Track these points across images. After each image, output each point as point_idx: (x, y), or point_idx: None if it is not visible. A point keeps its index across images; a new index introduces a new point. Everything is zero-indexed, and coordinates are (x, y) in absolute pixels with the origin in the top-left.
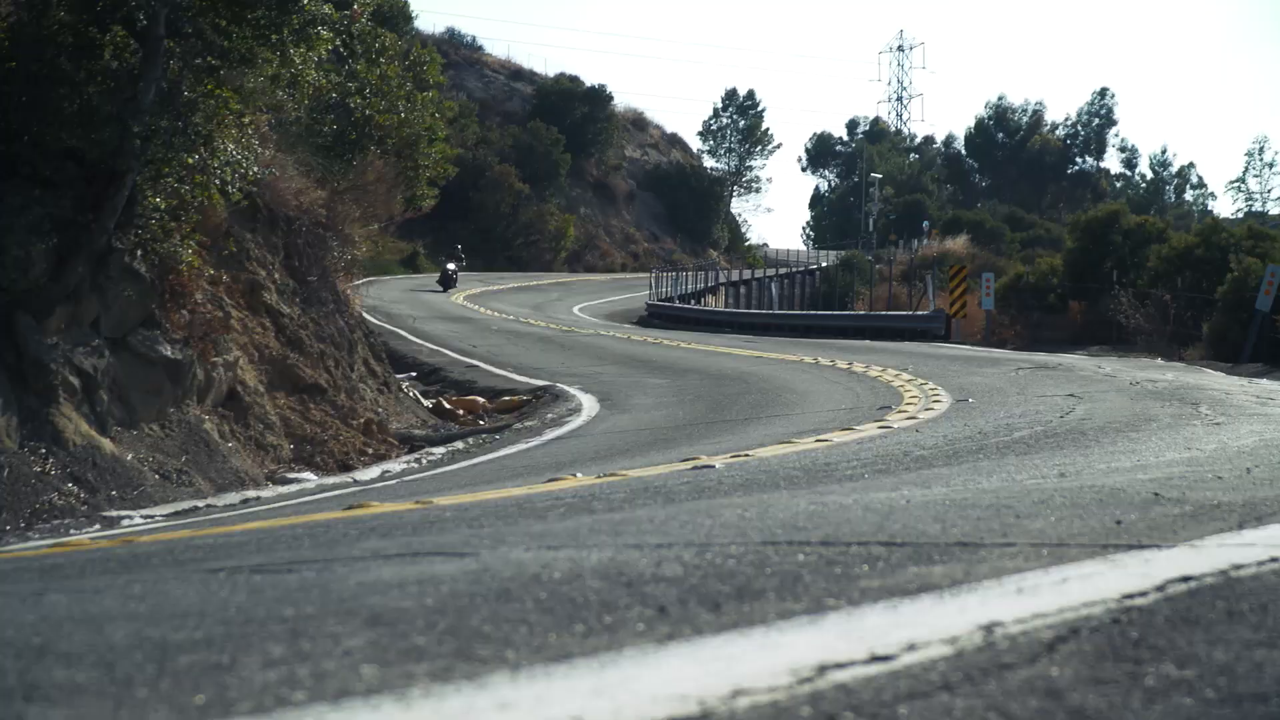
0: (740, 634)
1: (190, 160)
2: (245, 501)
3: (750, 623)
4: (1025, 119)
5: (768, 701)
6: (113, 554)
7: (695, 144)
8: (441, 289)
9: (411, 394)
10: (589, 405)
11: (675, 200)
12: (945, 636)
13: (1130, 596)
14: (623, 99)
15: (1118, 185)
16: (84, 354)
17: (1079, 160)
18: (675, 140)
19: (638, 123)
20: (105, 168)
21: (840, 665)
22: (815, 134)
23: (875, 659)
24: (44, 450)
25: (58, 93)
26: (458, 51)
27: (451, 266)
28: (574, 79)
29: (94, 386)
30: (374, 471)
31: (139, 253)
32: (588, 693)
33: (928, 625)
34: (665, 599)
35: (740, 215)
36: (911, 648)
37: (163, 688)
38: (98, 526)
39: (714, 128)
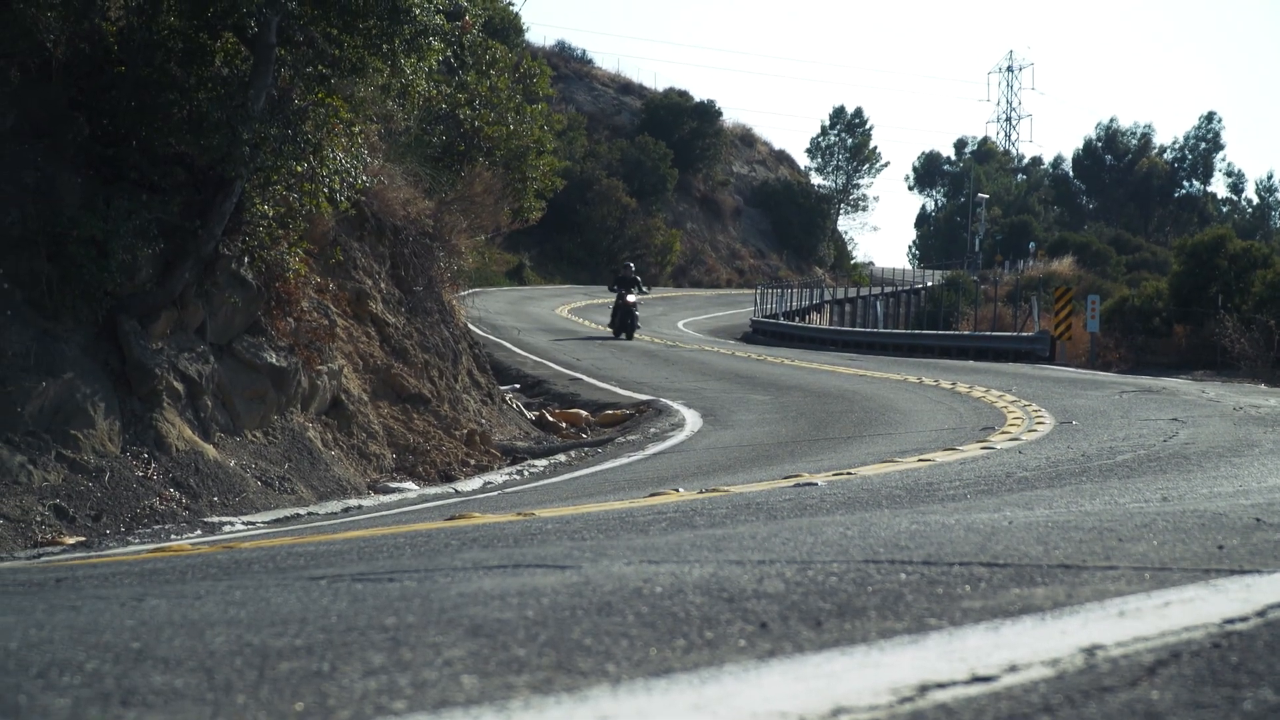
0: (841, 652)
1: (299, 168)
2: (346, 510)
3: (852, 641)
4: (1133, 142)
5: None
6: (214, 559)
7: (803, 161)
8: (614, 332)
9: (515, 406)
10: (692, 421)
11: (782, 217)
12: (1047, 658)
13: (1231, 621)
14: (731, 115)
15: (1224, 210)
16: (189, 359)
17: (1186, 184)
18: (783, 157)
19: (746, 139)
20: (214, 174)
21: (941, 685)
22: (923, 153)
23: (977, 679)
24: (146, 455)
25: (167, 98)
26: (568, 64)
27: (632, 298)
28: (683, 94)
29: (198, 392)
30: (476, 482)
31: (246, 259)
32: (688, 708)
33: (1029, 646)
34: (767, 615)
35: (846, 233)
36: (1013, 669)
37: (262, 694)
38: (198, 532)
39: (822, 145)
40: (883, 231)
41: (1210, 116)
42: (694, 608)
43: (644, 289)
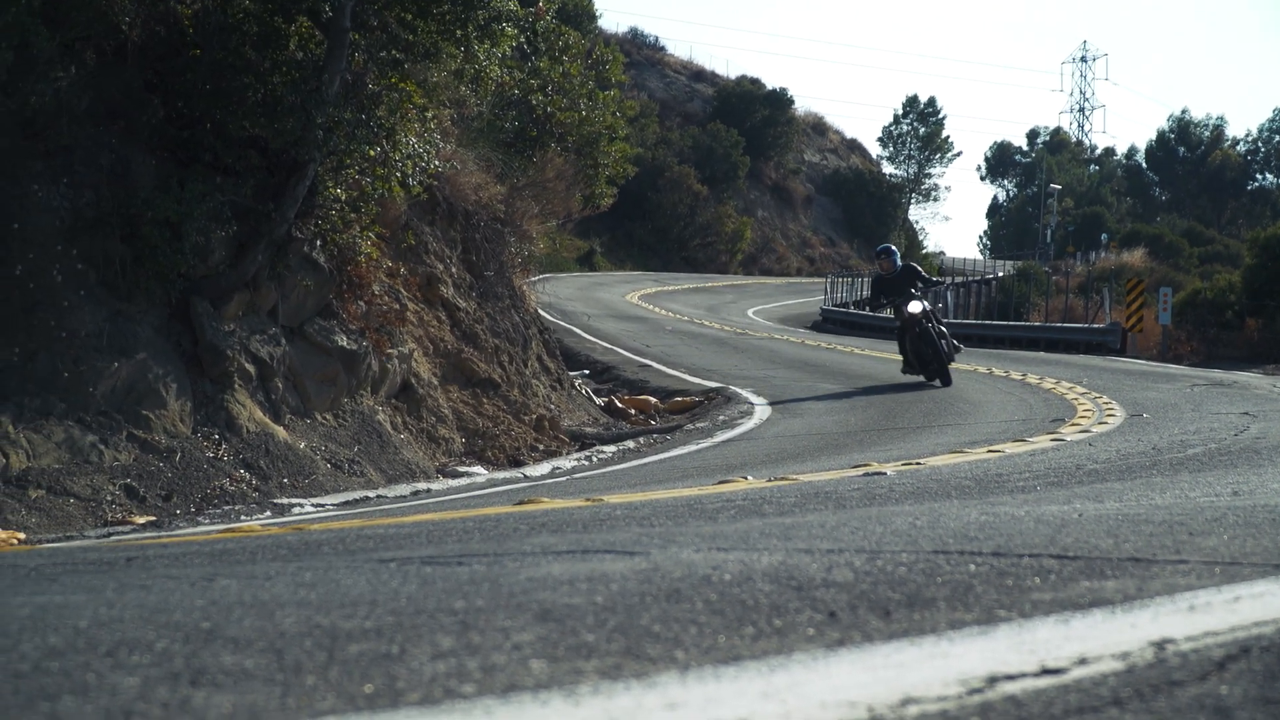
0: (910, 642)
1: (372, 152)
2: (416, 493)
3: (921, 631)
4: (1205, 134)
5: (937, 711)
6: (284, 541)
7: (875, 150)
8: (917, 370)
9: (584, 391)
10: (761, 408)
11: (853, 206)
12: (1116, 651)
13: None
14: (803, 103)
15: None
16: (260, 341)
17: (1259, 177)
18: (855, 146)
19: (817, 127)
20: (287, 157)
21: (1011, 677)
22: (995, 143)
23: (1046, 672)
24: (217, 436)
25: (242, 81)
26: (640, 51)
27: (916, 308)
28: (755, 81)
29: (269, 374)
30: (544, 468)
31: (318, 243)
32: (757, 696)
33: (1099, 639)
34: (835, 604)
35: (917, 223)
36: (1082, 661)
37: (332, 676)
38: (268, 513)
39: (894, 134)
40: (954, 221)
41: None
42: (762, 596)
43: (930, 281)
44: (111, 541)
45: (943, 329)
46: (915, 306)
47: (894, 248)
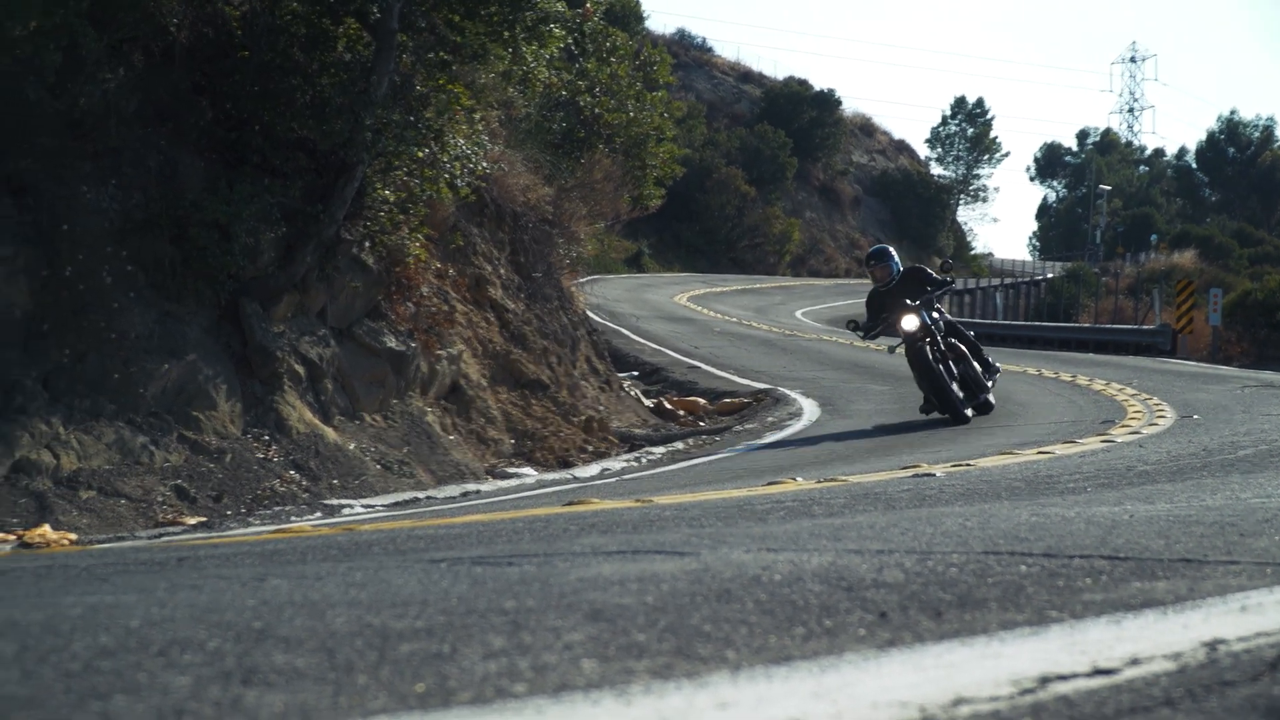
0: (962, 643)
1: (420, 154)
2: (465, 494)
3: (972, 632)
4: (1255, 134)
5: (989, 711)
6: (334, 541)
7: (923, 151)
8: (939, 409)
9: (633, 393)
10: (810, 410)
11: (901, 207)
12: (1168, 652)
13: None
14: (851, 104)
15: None
16: (309, 343)
17: None
18: (902, 147)
19: (865, 128)
20: (335, 159)
21: (1063, 677)
22: (1044, 144)
23: (1098, 672)
24: (267, 437)
25: (290, 83)
26: (687, 52)
27: (911, 323)
28: (803, 83)
29: (318, 375)
30: (594, 469)
31: (367, 244)
32: (808, 695)
33: (1151, 640)
34: (886, 605)
35: (966, 224)
36: (1134, 662)
37: (383, 675)
38: (318, 514)
39: (942, 135)
40: (1003, 222)
41: None
42: (813, 596)
43: (942, 284)
44: (162, 542)
45: (963, 344)
46: (910, 321)
47: (890, 249)
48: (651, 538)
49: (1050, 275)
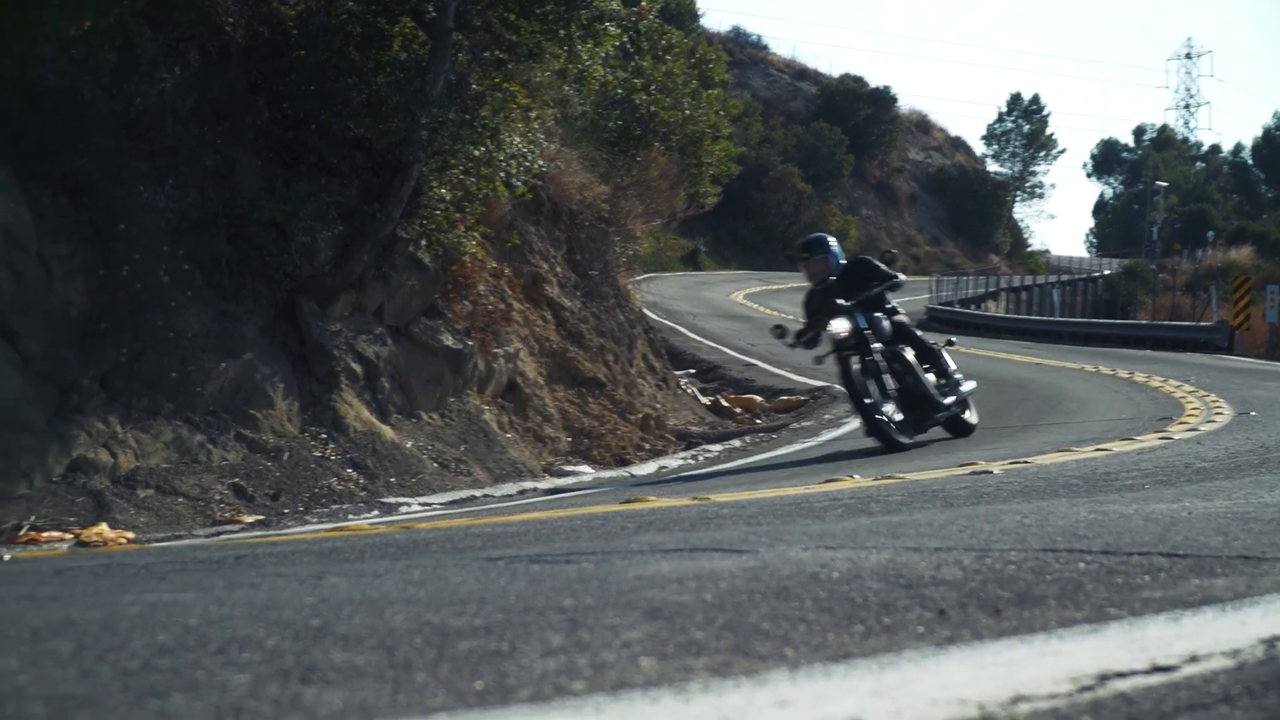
0: (1021, 640)
1: (476, 152)
2: (522, 492)
3: (1031, 629)
4: None
5: (1048, 708)
6: (392, 539)
7: (979, 148)
8: (869, 431)
9: (689, 391)
10: None
11: (957, 204)
12: (1227, 649)
13: None
14: (907, 101)
15: None
16: (366, 341)
17: None
18: (959, 143)
19: (921, 125)
20: (392, 158)
21: (1121, 674)
22: (1101, 140)
23: (1157, 669)
24: (324, 435)
25: (346, 82)
26: (743, 50)
27: (841, 327)
28: (858, 80)
29: (376, 374)
30: (650, 467)
31: (423, 243)
32: (867, 693)
33: (1209, 637)
34: (945, 602)
35: (1022, 220)
36: (1193, 659)
37: (442, 673)
38: (375, 512)
39: (998, 132)
40: (1060, 219)
41: None
42: (871, 594)
43: (890, 279)
44: (220, 540)
45: (918, 352)
46: (839, 325)
47: (828, 239)
48: (709, 535)
49: (1107, 272)
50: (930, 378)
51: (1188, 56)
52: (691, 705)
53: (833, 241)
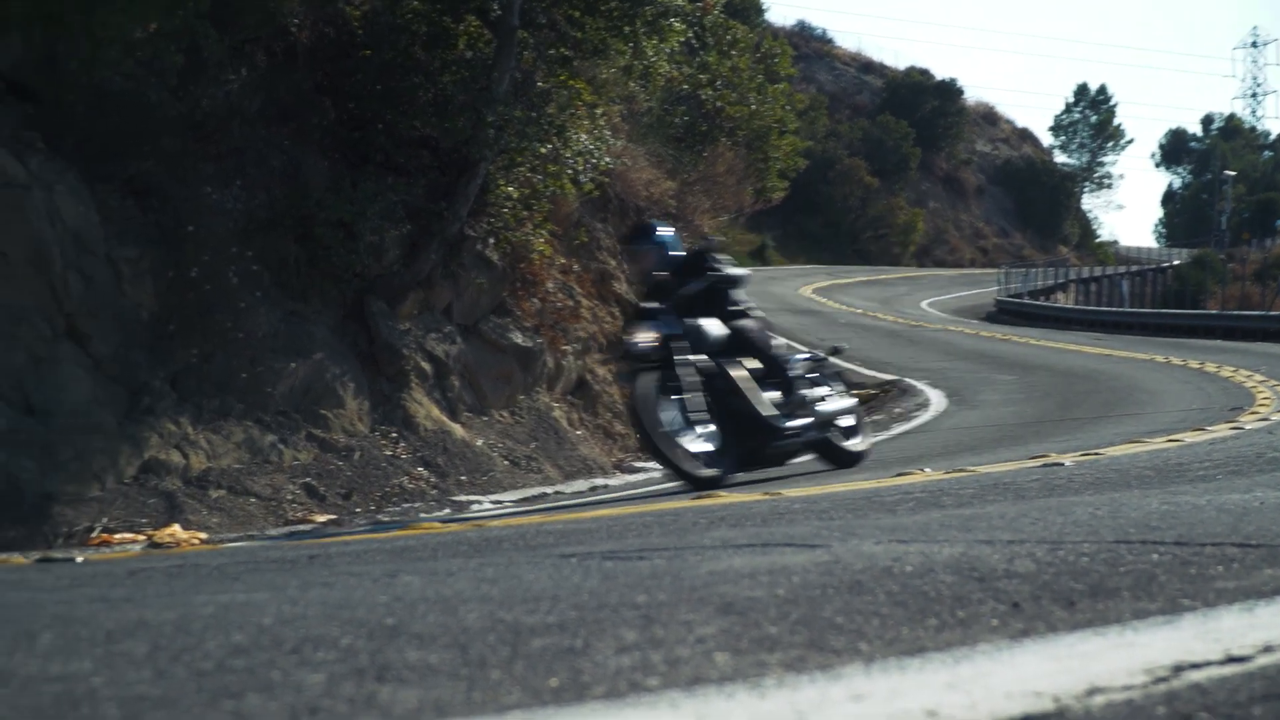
0: (1095, 632)
1: (543, 150)
2: (593, 489)
3: (1105, 621)
4: None
5: (1123, 700)
6: (464, 537)
7: (1046, 139)
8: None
9: None
10: (937, 400)
11: (1025, 196)
12: None
13: None
14: (973, 93)
15: None
16: (436, 340)
17: None
18: (1026, 135)
19: (988, 117)
20: (459, 156)
21: (1196, 665)
22: (1169, 130)
23: (1231, 660)
24: (395, 434)
25: (411, 81)
26: (808, 44)
27: (645, 337)
28: (924, 72)
29: (445, 372)
30: None
31: (491, 241)
32: (942, 687)
33: None
34: (1018, 595)
35: (1090, 211)
36: (1268, 649)
37: (516, 670)
38: (447, 510)
39: (1065, 123)
40: (1128, 209)
41: None
42: (945, 587)
43: (726, 279)
44: (292, 540)
45: (743, 368)
46: (642, 335)
47: (658, 225)
48: (781, 530)
49: (1176, 262)
50: (776, 395)
51: (1254, 45)
52: (766, 700)
53: (665, 229)
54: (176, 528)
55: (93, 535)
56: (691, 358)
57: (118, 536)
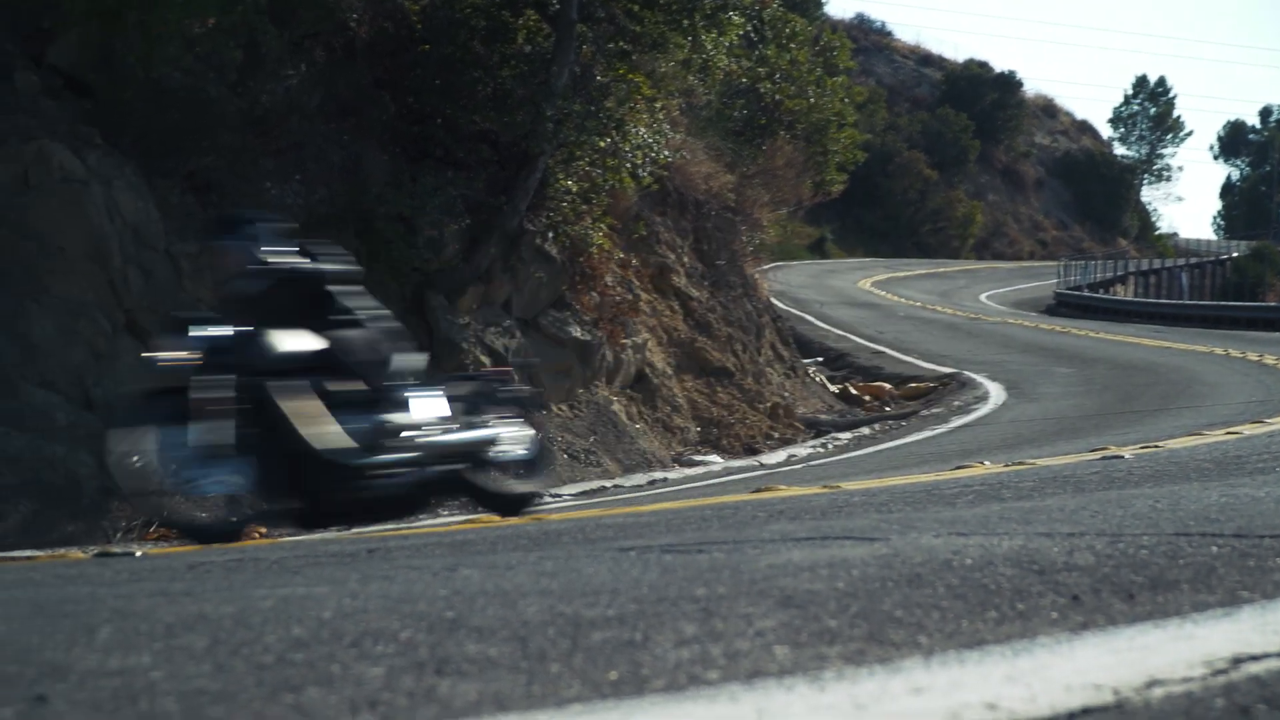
0: (1154, 624)
1: (602, 144)
2: (652, 482)
3: (1164, 613)
4: None
5: (1181, 692)
6: (523, 531)
7: (1105, 131)
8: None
9: (818, 379)
10: (996, 393)
11: (1084, 188)
12: None
13: None
14: (1032, 85)
15: None
16: (495, 334)
17: None
18: (1085, 127)
19: (1047, 109)
20: (518, 150)
21: (1254, 657)
22: (1227, 122)
23: None
24: None
25: (471, 76)
26: (867, 37)
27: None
28: (983, 65)
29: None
30: (780, 455)
31: (550, 235)
32: (1001, 679)
33: None
34: (1078, 588)
35: (1150, 204)
36: None
37: (576, 663)
38: None
39: (1124, 115)
40: (1187, 202)
41: None
42: (1004, 580)
43: (312, 280)
44: (353, 534)
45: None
46: (172, 352)
47: (254, 216)
48: (840, 523)
49: (1235, 254)
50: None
51: None
52: (826, 693)
53: (264, 221)
54: None
55: (151, 529)
56: (225, 377)
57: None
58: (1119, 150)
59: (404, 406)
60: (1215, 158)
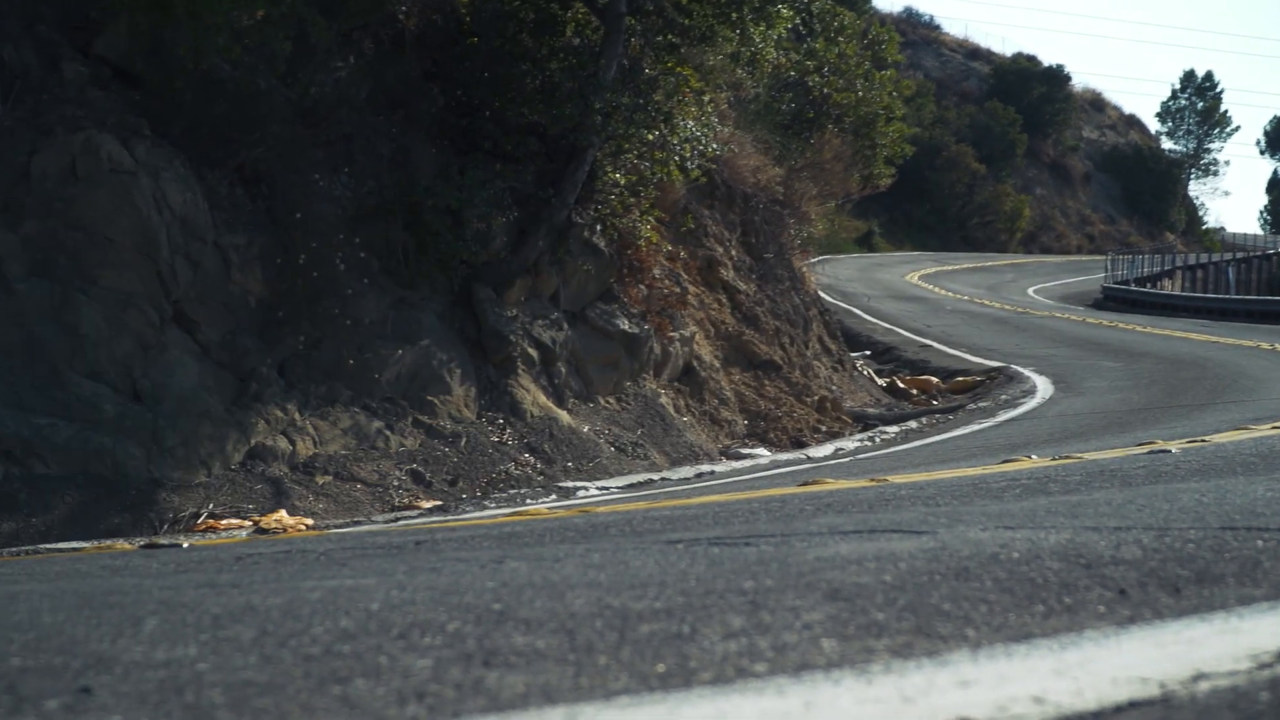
0: (1200, 618)
1: (650, 136)
2: (699, 475)
3: (1210, 607)
4: None
5: (1227, 686)
6: (570, 523)
7: (1153, 126)
8: None
9: (865, 372)
10: (1043, 387)
11: (1132, 182)
12: None
13: None
14: (1080, 79)
15: None
16: (542, 327)
17: None
18: (1133, 121)
19: (1095, 103)
20: (566, 143)
21: None
22: (1274, 116)
23: None
24: (501, 420)
25: (519, 69)
26: (915, 30)
27: None
28: (1031, 59)
29: (551, 359)
30: (827, 449)
31: (598, 227)
32: (1048, 673)
33: None
34: (1125, 582)
35: (1197, 198)
36: None
37: (623, 656)
38: (553, 496)
39: (1171, 109)
40: (1234, 196)
41: None
42: (1051, 573)
43: None
44: (399, 526)
45: None
46: None
47: None
48: (888, 517)
49: None
50: None
51: None
52: (873, 686)
53: None
54: (283, 513)
55: (199, 521)
56: None
57: (224, 522)
58: (1166, 145)
59: None
60: (1262, 152)
